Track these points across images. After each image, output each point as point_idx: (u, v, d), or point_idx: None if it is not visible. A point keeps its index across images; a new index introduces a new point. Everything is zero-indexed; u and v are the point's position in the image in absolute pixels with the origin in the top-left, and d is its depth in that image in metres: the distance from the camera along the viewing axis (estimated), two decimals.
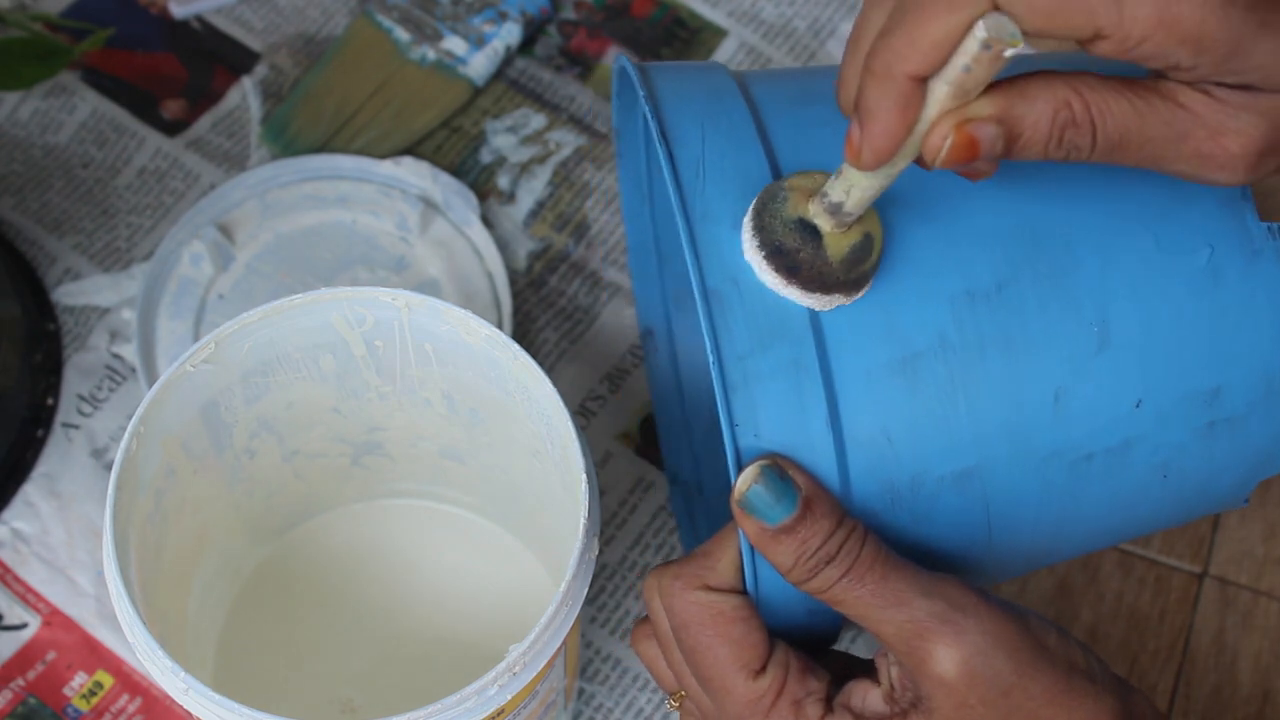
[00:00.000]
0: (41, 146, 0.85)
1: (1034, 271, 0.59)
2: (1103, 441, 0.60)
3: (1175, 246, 0.60)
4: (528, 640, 0.59)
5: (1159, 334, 0.60)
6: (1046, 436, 0.59)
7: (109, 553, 0.60)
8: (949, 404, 0.58)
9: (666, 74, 0.63)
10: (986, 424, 0.58)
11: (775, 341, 0.57)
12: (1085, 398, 0.59)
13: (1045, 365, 0.59)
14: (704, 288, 0.57)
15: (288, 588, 0.75)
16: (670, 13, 0.89)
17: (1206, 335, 0.60)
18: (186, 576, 0.69)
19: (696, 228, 0.58)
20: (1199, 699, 0.76)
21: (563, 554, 0.62)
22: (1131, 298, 0.59)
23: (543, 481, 0.67)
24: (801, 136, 0.61)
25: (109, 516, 0.60)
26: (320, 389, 0.68)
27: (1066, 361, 0.59)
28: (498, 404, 0.66)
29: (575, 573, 0.60)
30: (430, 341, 0.65)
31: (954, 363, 0.58)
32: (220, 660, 0.73)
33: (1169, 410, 0.60)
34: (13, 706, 0.74)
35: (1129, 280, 0.60)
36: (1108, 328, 0.59)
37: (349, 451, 0.72)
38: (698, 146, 0.60)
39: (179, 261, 0.81)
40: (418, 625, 0.74)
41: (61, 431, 0.79)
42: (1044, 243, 0.59)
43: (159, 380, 0.62)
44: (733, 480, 0.56)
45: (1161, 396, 0.60)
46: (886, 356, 0.57)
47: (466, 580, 0.75)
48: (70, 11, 0.89)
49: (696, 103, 0.61)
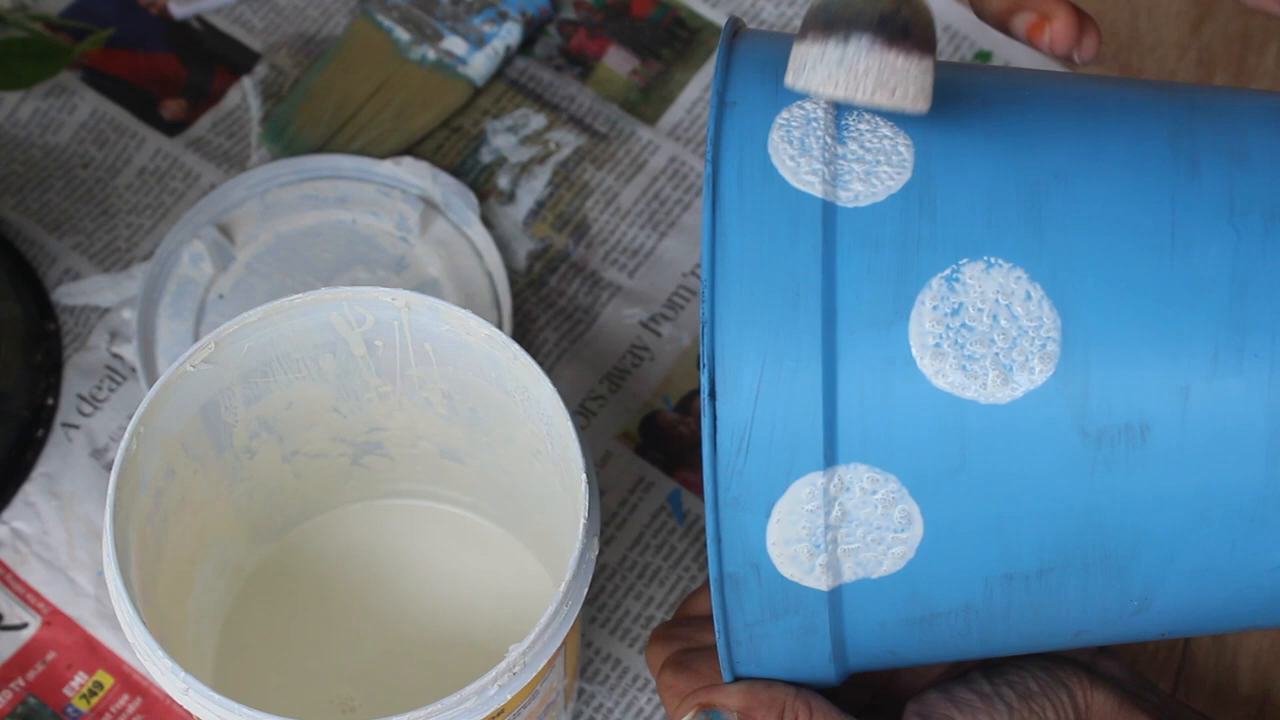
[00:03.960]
0: (41, 146, 0.85)
1: (1084, 560, 0.55)
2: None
3: (1250, 549, 0.56)
4: (528, 640, 0.59)
5: (1203, 608, 0.57)
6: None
7: (109, 553, 0.60)
8: (963, 640, 0.57)
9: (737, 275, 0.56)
10: (999, 649, 0.58)
11: (788, 614, 0.56)
12: (1107, 637, 0.59)
13: (1071, 623, 0.57)
14: (720, 572, 0.55)
15: (288, 587, 0.75)
16: (670, 13, 0.89)
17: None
18: (186, 576, 0.69)
19: (724, 513, 0.55)
20: (1199, 699, 0.76)
21: (563, 553, 0.62)
22: (1187, 587, 0.56)
23: (543, 481, 0.67)
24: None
25: (109, 517, 0.60)
26: (320, 389, 0.68)
27: (1097, 619, 0.57)
28: (497, 404, 0.66)
29: (575, 573, 0.60)
30: (430, 341, 0.65)
31: (975, 620, 0.57)
32: (220, 660, 0.73)
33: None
34: (13, 706, 0.74)
35: (1187, 572, 0.56)
36: (1150, 603, 0.57)
37: (349, 451, 0.72)
38: (749, 404, 0.54)
39: (179, 261, 0.81)
40: (418, 624, 0.74)
41: (61, 431, 0.79)
42: (1104, 532, 0.55)
43: (159, 381, 0.62)
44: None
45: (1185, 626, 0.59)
46: (905, 615, 0.56)
47: (467, 579, 0.75)
48: (70, 11, 0.89)
49: (759, 323, 0.55)
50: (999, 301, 0.54)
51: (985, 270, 0.54)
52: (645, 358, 0.82)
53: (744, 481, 0.54)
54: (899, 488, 0.54)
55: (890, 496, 0.54)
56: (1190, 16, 0.90)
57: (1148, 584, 0.56)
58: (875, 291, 0.54)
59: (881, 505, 0.54)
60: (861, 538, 0.55)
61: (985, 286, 0.54)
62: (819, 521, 0.54)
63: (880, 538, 0.55)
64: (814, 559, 0.55)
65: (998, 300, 0.54)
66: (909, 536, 0.55)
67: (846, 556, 0.55)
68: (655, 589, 0.77)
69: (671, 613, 0.77)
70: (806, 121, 0.55)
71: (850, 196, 0.54)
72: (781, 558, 0.55)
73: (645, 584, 0.78)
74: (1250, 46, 0.89)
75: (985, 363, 0.54)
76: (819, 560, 0.55)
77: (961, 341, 0.54)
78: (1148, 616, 0.57)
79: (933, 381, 0.54)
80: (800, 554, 0.55)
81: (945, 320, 0.54)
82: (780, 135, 0.55)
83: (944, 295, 0.54)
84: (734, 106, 0.56)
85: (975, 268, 0.54)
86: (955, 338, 0.54)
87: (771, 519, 0.54)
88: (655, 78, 0.88)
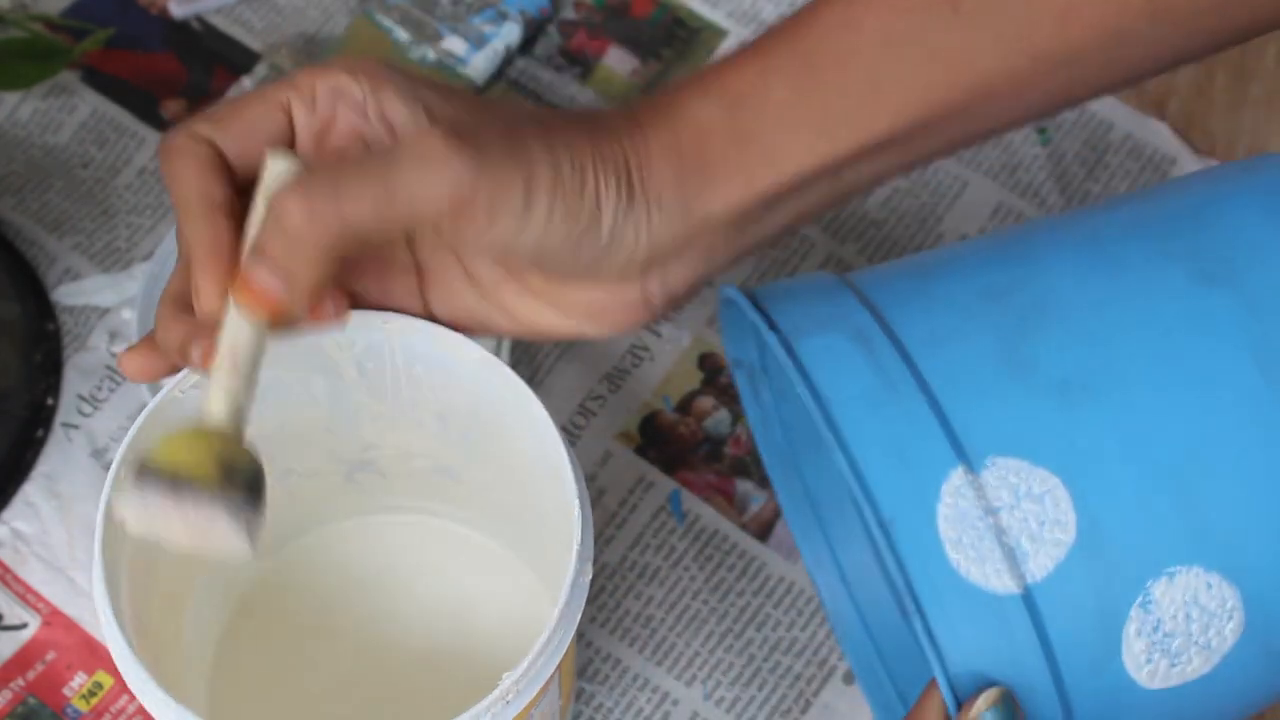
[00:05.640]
0: (41, 146, 0.85)
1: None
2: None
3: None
4: (521, 668, 0.59)
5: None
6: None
7: (99, 584, 0.60)
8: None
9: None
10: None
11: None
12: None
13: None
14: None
15: (282, 604, 0.74)
16: (670, 13, 0.89)
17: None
18: (180, 597, 0.69)
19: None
20: None
21: (558, 567, 0.61)
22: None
23: (536, 500, 0.67)
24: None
25: (99, 547, 0.60)
26: (312, 410, 0.67)
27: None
28: (490, 425, 0.66)
29: (569, 598, 0.60)
30: (421, 364, 0.65)
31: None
32: (214, 679, 0.73)
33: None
34: (12, 706, 0.74)
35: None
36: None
37: (342, 469, 0.72)
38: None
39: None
40: (413, 640, 0.74)
41: (61, 431, 0.79)
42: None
43: (147, 407, 0.62)
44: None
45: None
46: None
47: (462, 595, 0.75)
48: (70, 11, 0.89)
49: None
50: (1187, 600, 0.59)
51: (1169, 581, 0.59)
52: (645, 358, 0.82)
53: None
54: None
55: None
56: None
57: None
58: (1088, 642, 0.59)
59: None
60: None
61: (1173, 595, 0.59)
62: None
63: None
64: None
65: (1185, 600, 0.59)
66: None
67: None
68: (655, 589, 0.77)
69: (671, 612, 0.77)
70: (962, 516, 0.58)
71: (1036, 571, 0.58)
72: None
73: (645, 584, 0.78)
74: (1250, 47, 0.89)
75: (1190, 653, 0.59)
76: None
77: (1167, 646, 0.59)
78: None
79: (1148, 686, 0.59)
80: None
81: (1150, 635, 0.59)
82: (949, 536, 0.58)
83: (1144, 619, 0.59)
84: (893, 522, 0.58)
85: (1159, 584, 0.58)
86: (1162, 645, 0.59)
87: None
88: (655, 78, 0.88)
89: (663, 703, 0.75)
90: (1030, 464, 0.58)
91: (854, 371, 0.60)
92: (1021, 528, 0.58)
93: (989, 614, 0.58)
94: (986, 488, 0.58)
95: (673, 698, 0.76)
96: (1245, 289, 0.61)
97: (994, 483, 0.58)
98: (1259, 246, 0.62)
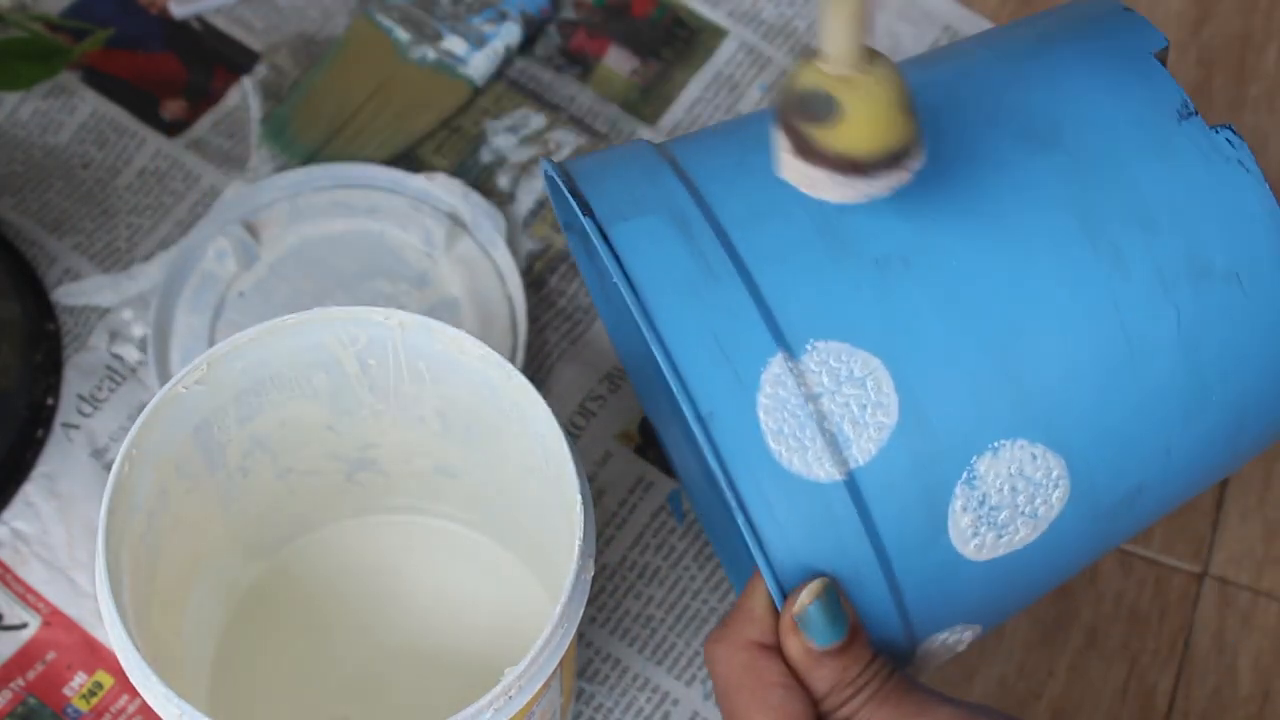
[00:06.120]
0: (41, 146, 0.85)
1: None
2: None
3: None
4: (523, 664, 0.59)
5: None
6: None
7: (101, 578, 0.60)
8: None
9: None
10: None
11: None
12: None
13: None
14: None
15: (283, 604, 0.75)
16: (670, 13, 0.89)
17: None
18: (180, 595, 0.69)
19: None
20: (1199, 699, 0.76)
21: (558, 568, 0.62)
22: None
23: (538, 499, 0.67)
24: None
25: (101, 541, 0.60)
26: (314, 407, 0.68)
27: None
28: (492, 423, 0.66)
29: (570, 595, 0.60)
30: (424, 360, 0.65)
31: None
32: (215, 678, 0.73)
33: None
34: (12, 706, 0.74)
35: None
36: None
37: (343, 468, 0.72)
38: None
39: (203, 256, 0.81)
40: (414, 640, 0.74)
41: (61, 431, 0.79)
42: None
43: (151, 402, 0.62)
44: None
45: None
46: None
47: (463, 595, 0.75)
48: (70, 11, 0.88)
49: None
50: (1012, 473, 0.58)
51: (994, 456, 0.58)
52: None
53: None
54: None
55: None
56: (1190, 16, 0.90)
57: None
58: (913, 522, 0.58)
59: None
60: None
61: (998, 470, 0.58)
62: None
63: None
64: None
65: (1010, 473, 0.58)
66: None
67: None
68: (655, 589, 0.78)
69: (671, 612, 0.77)
70: (782, 405, 0.57)
71: (859, 456, 0.58)
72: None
73: (645, 584, 0.78)
74: (1250, 46, 0.89)
75: (1016, 524, 0.59)
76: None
77: (993, 520, 0.59)
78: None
79: (975, 559, 0.60)
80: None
81: (976, 510, 0.59)
82: (770, 427, 0.57)
83: (969, 495, 0.58)
84: (712, 416, 0.58)
85: (984, 459, 0.58)
86: (988, 519, 0.59)
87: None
88: (655, 78, 0.88)
89: (663, 703, 0.76)
90: (851, 346, 0.57)
91: (672, 258, 0.58)
92: (843, 413, 0.57)
93: (813, 503, 0.56)
94: (807, 374, 0.57)
95: (673, 698, 0.76)
96: (1071, 149, 0.59)
97: (815, 368, 0.57)
98: (1085, 104, 0.60)
